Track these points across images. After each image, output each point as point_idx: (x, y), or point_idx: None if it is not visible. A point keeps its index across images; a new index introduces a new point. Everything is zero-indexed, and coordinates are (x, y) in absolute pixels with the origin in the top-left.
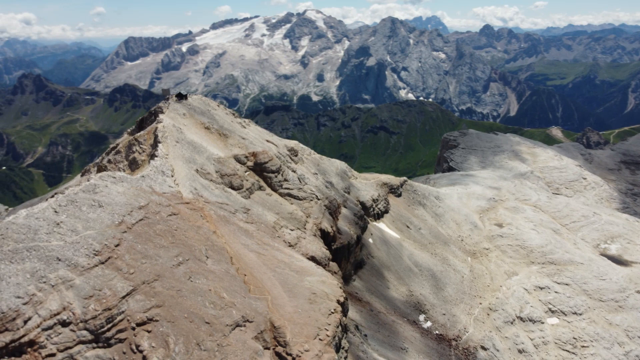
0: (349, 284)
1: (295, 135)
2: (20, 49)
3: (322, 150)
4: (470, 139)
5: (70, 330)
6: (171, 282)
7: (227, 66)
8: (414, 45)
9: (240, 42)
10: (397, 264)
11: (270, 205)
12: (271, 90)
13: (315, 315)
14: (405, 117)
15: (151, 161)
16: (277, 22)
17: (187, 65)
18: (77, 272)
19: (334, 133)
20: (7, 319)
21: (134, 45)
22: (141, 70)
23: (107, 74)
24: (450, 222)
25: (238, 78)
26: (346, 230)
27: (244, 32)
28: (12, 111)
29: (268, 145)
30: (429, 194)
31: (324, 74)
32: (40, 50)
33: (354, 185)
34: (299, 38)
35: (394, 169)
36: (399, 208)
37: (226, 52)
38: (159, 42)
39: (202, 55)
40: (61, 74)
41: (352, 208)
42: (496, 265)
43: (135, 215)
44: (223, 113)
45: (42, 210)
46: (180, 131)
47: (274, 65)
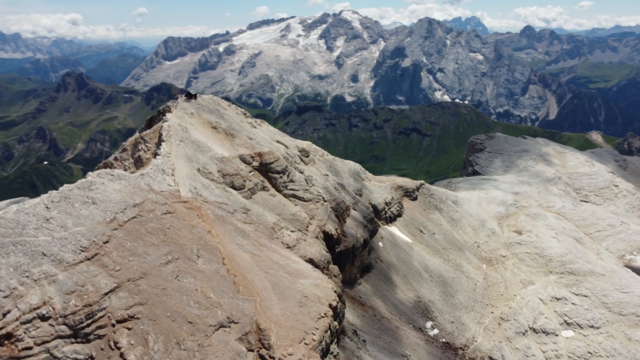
0: (353, 288)
1: (327, 136)
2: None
3: (353, 152)
4: (497, 143)
5: (49, 325)
6: (157, 280)
7: (263, 66)
8: (450, 46)
9: (275, 43)
10: (406, 268)
11: (272, 206)
12: (305, 91)
13: (304, 318)
14: (439, 119)
15: (152, 159)
16: (313, 22)
17: (224, 65)
18: (61, 267)
19: (366, 134)
20: None
21: (172, 45)
22: (179, 69)
23: (146, 73)
24: (466, 227)
25: (273, 78)
26: (352, 233)
27: (279, 33)
28: (55, 108)
29: (276, 145)
30: (447, 198)
31: (358, 75)
32: (85, 50)
33: (367, 187)
34: (334, 38)
35: (426, 172)
36: (413, 212)
37: (262, 52)
38: (197, 42)
39: (239, 55)
40: (104, 73)
41: (363, 211)
42: (512, 273)
43: (128, 213)
44: (233, 113)
45: (33, 206)
46: (186, 130)
47: (309, 66)
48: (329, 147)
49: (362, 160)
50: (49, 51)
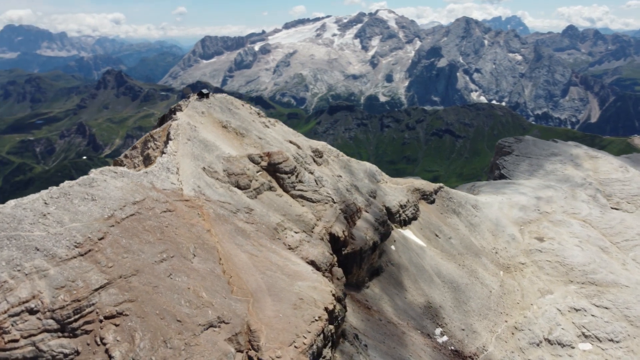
0: (360, 291)
1: (358, 136)
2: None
3: (385, 152)
4: (526, 146)
5: (36, 319)
6: (149, 278)
7: (297, 65)
8: (488, 46)
9: (311, 42)
10: (418, 273)
11: (277, 206)
12: (339, 90)
13: (296, 321)
14: (473, 120)
15: (158, 158)
16: (349, 22)
17: (259, 64)
18: (53, 262)
19: (398, 135)
20: None
21: (209, 44)
22: (215, 68)
23: (183, 72)
24: (485, 232)
25: (307, 77)
26: (361, 236)
27: (315, 32)
28: (95, 105)
29: (287, 145)
30: (466, 202)
31: (393, 75)
32: (127, 48)
33: (382, 189)
34: (369, 38)
35: (458, 174)
36: (429, 215)
37: (297, 52)
38: (233, 41)
39: (274, 54)
40: (143, 71)
41: (375, 213)
42: (530, 281)
43: (127, 210)
44: (246, 112)
45: (32, 201)
46: (194, 129)
47: (343, 65)
48: (360, 147)
49: (393, 161)
50: (92, 49)
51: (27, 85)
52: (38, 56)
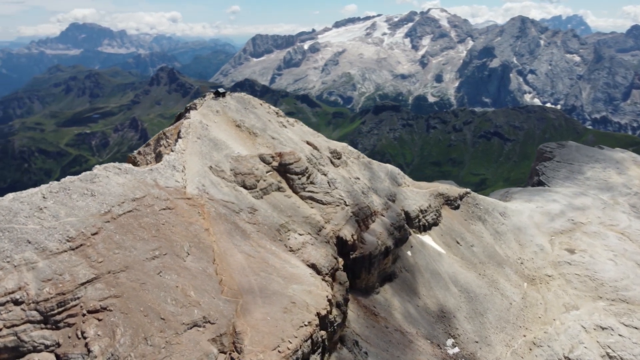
0: (369, 297)
1: (403, 137)
2: (166, 45)
3: (430, 154)
4: (568, 152)
5: (21, 310)
6: (138, 274)
7: (345, 64)
8: (544, 46)
9: (360, 41)
10: (433, 280)
11: (284, 207)
12: (387, 90)
13: (284, 325)
14: (523, 123)
15: (165, 155)
16: (399, 20)
17: (307, 63)
18: (43, 255)
19: (444, 136)
20: None
21: (260, 43)
22: (265, 66)
23: (234, 69)
24: (511, 241)
25: (355, 76)
26: (373, 240)
27: (365, 31)
28: (148, 100)
29: (302, 146)
30: (493, 209)
31: (443, 75)
32: (182, 46)
33: (402, 193)
34: (420, 37)
35: (505, 178)
36: (452, 221)
37: (346, 51)
38: (283, 40)
39: (323, 53)
40: (197, 68)
41: (392, 217)
42: (555, 295)
43: (125, 207)
44: (263, 111)
45: (30, 195)
46: (206, 128)
47: (392, 65)
48: (404, 147)
49: (438, 163)
50: (150, 47)
51: (86, 81)
52: (99, 53)
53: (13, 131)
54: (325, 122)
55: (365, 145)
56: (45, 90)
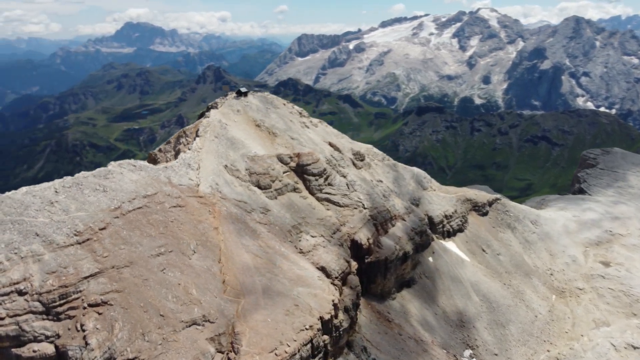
0: (384, 302)
1: (446, 139)
2: (215, 44)
3: (473, 157)
4: (613, 159)
5: (24, 300)
6: (142, 270)
7: (391, 64)
8: (600, 48)
9: (406, 41)
10: (455, 289)
11: (298, 208)
12: (432, 91)
13: (284, 328)
14: (573, 127)
15: (181, 153)
16: (447, 20)
17: (352, 63)
18: (50, 248)
19: (488, 139)
20: None
21: (305, 42)
22: (309, 65)
23: (279, 68)
24: (542, 251)
25: (399, 77)
26: (390, 245)
27: (411, 31)
28: (194, 98)
29: (323, 147)
30: (524, 216)
31: (490, 76)
32: (230, 45)
33: (426, 197)
34: (468, 38)
35: (552, 184)
36: (479, 228)
37: (391, 51)
38: (328, 40)
39: (368, 53)
40: (243, 67)
41: (414, 222)
42: (585, 310)
43: (135, 203)
44: (286, 111)
45: (43, 189)
46: (224, 127)
47: (438, 65)
48: (447, 150)
49: (481, 167)
50: (199, 46)
51: (137, 78)
52: (151, 51)
53: (67, 126)
54: (367, 122)
55: (406, 146)
56: (99, 87)
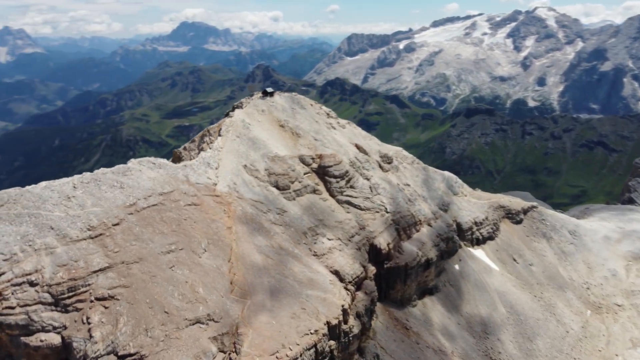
0: (403, 309)
1: (495, 142)
2: (266, 43)
3: (523, 162)
4: None
5: (34, 291)
6: (150, 267)
7: (441, 65)
8: None
9: (458, 41)
10: (480, 298)
11: (317, 210)
12: (483, 92)
13: (288, 331)
14: (633, 133)
15: (202, 152)
16: (502, 20)
17: (402, 63)
18: (63, 242)
19: (540, 144)
20: None
21: (355, 42)
22: (358, 65)
23: (328, 68)
24: (579, 263)
25: (450, 77)
26: (412, 251)
27: (464, 31)
28: (243, 96)
29: (347, 149)
30: (562, 226)
31: (546, 78)
32: (281, 45)
33: (456, 202)
34: (523, 38)
35: (607, 192)
36: (511, 237)
37: (442, 51)
38: (378, 39)
39: (418, 53)
40: (293, 66)
41: (441, 228)
42: (622, 328)
43: (151, 200)
44: (313, 112)
45: (62, 184)
46: (247, 126)
47: (491, 66)
48: (495, 153)
49: (532, 171)
50: (251, 45)
51: (190, 77)
52: (205, 50)
53: (123, 121)
54: (413, 123)
55: (453, 149)
56: (154, 85)
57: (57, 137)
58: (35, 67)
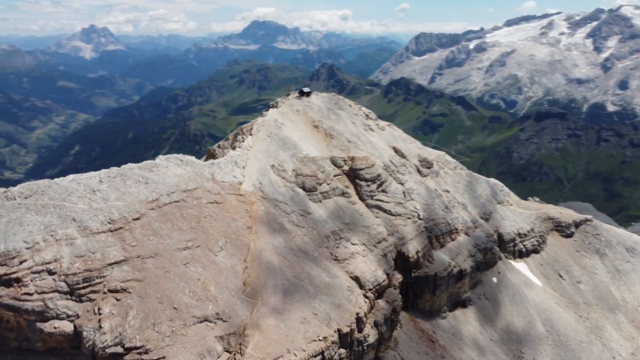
0: (431, 320)
1: (567, 148)
2: (334, 42)
3: (597, 169)
4: None
5: (52, 279)
6: (165, 262)
7: (513, 66)
8: None
9: (532, 41)
10: (518, 315)
11: (343, 213)
12: (557, 95)
13: (295, 336)
14: None
15: (230, 151)
16: (582, 19)
17: (471, 63)
18: (83, 233)
19: (617, 151)
20: (8, 257)
21: (423, 41)
22: (425, 65)
23: (394, 67)
24: (636, 284)
25: (522, 79)
26: (444, 260)
27: (539, 30)
28: None
29: (383, 151)
30: (619, 242)
31: (628, 81)
32: (349, 43)
33: (499, 212)
34: (604, 38)
35: None
36: (559, 251)
37: (515, 51)
38: (447, 39)
39: (489, 53)
40: (360, 65)
41: (479, 237)
42: None
43: (173, 196)
44: (351, 113)
45: (89, 177)
46: (279, 126)
47: (567, 68)
48: (567, 160)
49: (607, 180)
50: (319, 44)
51: (257, 74)
52: (274, 49)
53: (191, 116)
54: (479, 126)
55: (521, 154)
56: (223, 82)
57: (131, 130)
58: (116, 63)
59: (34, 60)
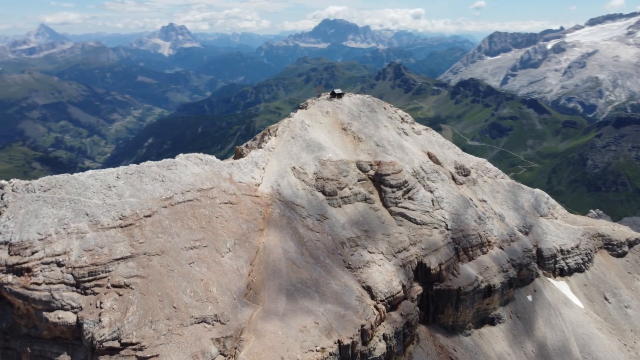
0: (453, 336)
1: None
2: (405, 40)
3: None
4: None
5: (60, 271)
6: (170, 261)
7: (594, 67)
8: None
9: (618, 41)
10: (552, 337)
11: (363, 220)
12: None
13: (292, 344)
14: None
15: (252, 151)
16: None
17: (548, 64)
18: (94, 228)
19: None
20: (21, 247)
21: (497, 41)
22: (498, 65)
23: (465, 67)
24: None
25: (603, 81)
26: (470, 274)
27: (626, 30)
28: (372, 94)
29: (414, 157)
30: None
31: None
32: (420, 42)
33: (541, 225)
34: None
35: None
36: (606, 271)
37: (597, 52)
38: (523, 38)
39: (568, 53)
40: (430, 65)
41: (514, 252)
42: None
43: (187, 195)
44: (384, 116)
45: (106, 174)
46: (305, 128)
47: None
48: None
49: None
50: (389, 42)
51: (324, 72)
52: (343, 47)
53: (257, 113)
54: (552, 130)
55: (596, 161)
56: (290, 79)
57: (201, 125)
58: (192, 60)
59: (117, 57)
